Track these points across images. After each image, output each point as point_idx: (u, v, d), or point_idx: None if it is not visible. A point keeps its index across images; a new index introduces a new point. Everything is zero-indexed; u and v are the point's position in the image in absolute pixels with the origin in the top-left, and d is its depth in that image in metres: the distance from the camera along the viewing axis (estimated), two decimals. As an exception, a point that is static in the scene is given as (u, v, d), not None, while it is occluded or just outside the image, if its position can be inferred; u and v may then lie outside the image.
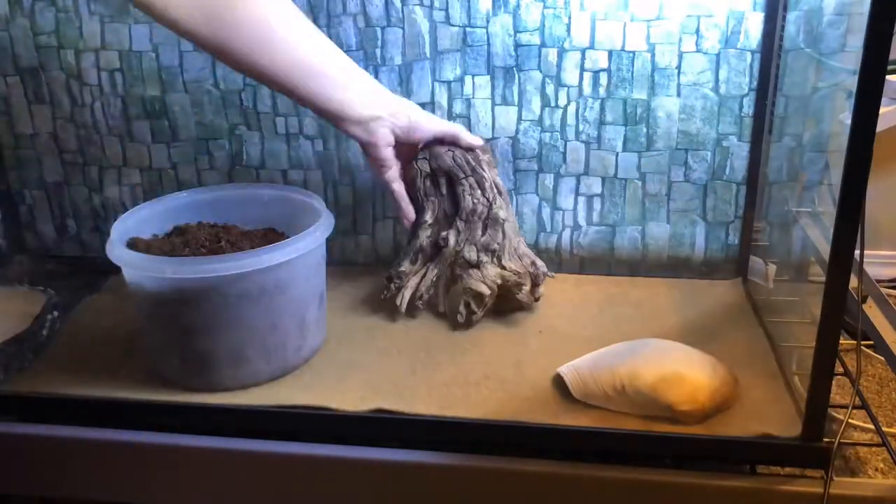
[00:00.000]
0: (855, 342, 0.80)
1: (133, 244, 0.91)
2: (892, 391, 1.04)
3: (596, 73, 1.05)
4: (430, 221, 1.00)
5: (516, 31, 1.04)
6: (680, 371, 0.79)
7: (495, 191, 0.99)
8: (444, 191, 1.00)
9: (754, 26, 1.00)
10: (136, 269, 0.82)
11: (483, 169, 0.99)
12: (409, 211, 0.98)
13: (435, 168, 0.99)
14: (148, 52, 1.10)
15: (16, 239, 1.22)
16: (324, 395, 0.83)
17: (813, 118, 0.95)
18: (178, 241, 0.93)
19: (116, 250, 0.84)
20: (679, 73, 1.04)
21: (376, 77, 1.08)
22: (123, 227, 0.90)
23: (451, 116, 1.09)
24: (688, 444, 0.76)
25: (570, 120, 1.08)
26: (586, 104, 1.07)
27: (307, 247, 0.85)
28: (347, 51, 1.07)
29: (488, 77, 1.07)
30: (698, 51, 1.03)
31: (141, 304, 0.86)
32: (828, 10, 0.92)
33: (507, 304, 1.00)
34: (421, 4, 1.05)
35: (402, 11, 1.05)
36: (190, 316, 0.82)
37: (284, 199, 1.00)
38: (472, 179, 0.98)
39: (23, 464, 0.85)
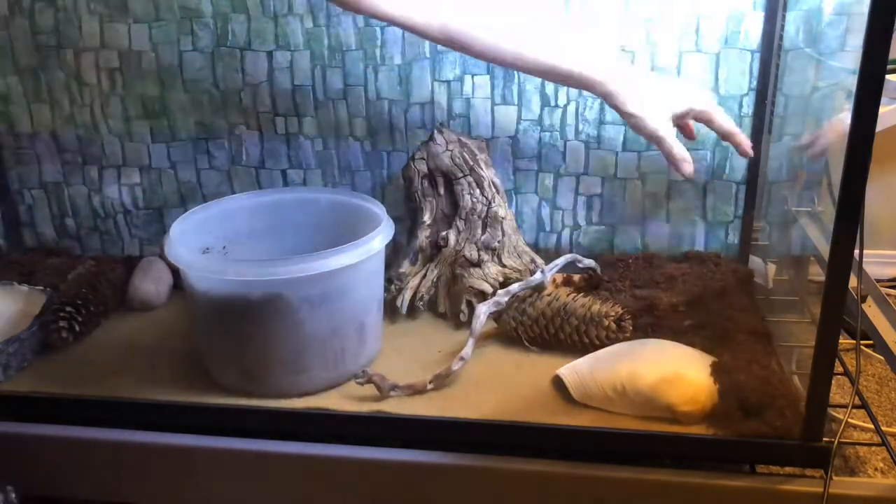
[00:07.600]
0: (855, 342, 0.80)
1: None
2: (892, 391, 1.04)
3: (596, 72, 1.05)
4: (428, 222, 1.00)
5: (516, 31, 1.04)
6: (680, 371, 0.79)
7: (493, 189, 0.99)
8: (441, 191, 1.00)
9: (754, 26, 1.00)
10: (199, 270, 0.80)
11: (481, 168, 0.99)
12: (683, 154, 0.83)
13: (432, 168, 0.99)
14: (147, 51, 1.10)
15: (16, 239, 1.22)
16: (323, 398, 0.84)
17: (813, 118, 0.95)
18: None
19: (178, 252, 0.82)
20: (679, 73, 1.04)
21: (375, 78, 1.08)
22: (181, 230, 0.88)
23: (450, 116, 1.09)
24: (688, 444, 0.76)
25: (570, 119, 1.08)
26: (586, 104, 1.07)
27: (371, 250, 0.83)
28: (347, 50, 1.07)
29: (488, 76, 1.07)
30: (698, 51, 1.03)
31: (200, 308, 0.84)
32: (828, 9, 0.92)
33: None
34: (421, 4, 1.04)
35: (402, 11, 1.05)
36: (252, 321, 0.80)
37: (342, 203, 0.98)
38: (470, 178, 0.98)
39: (23, 464, 0.85)
